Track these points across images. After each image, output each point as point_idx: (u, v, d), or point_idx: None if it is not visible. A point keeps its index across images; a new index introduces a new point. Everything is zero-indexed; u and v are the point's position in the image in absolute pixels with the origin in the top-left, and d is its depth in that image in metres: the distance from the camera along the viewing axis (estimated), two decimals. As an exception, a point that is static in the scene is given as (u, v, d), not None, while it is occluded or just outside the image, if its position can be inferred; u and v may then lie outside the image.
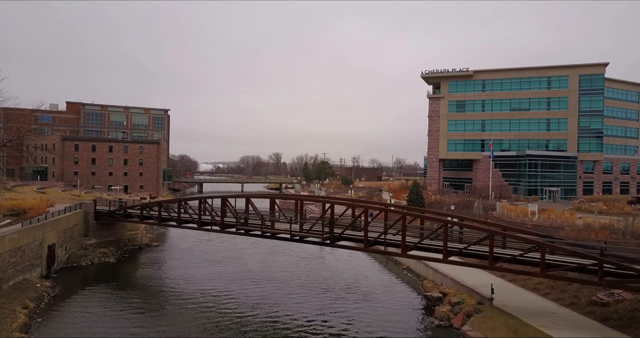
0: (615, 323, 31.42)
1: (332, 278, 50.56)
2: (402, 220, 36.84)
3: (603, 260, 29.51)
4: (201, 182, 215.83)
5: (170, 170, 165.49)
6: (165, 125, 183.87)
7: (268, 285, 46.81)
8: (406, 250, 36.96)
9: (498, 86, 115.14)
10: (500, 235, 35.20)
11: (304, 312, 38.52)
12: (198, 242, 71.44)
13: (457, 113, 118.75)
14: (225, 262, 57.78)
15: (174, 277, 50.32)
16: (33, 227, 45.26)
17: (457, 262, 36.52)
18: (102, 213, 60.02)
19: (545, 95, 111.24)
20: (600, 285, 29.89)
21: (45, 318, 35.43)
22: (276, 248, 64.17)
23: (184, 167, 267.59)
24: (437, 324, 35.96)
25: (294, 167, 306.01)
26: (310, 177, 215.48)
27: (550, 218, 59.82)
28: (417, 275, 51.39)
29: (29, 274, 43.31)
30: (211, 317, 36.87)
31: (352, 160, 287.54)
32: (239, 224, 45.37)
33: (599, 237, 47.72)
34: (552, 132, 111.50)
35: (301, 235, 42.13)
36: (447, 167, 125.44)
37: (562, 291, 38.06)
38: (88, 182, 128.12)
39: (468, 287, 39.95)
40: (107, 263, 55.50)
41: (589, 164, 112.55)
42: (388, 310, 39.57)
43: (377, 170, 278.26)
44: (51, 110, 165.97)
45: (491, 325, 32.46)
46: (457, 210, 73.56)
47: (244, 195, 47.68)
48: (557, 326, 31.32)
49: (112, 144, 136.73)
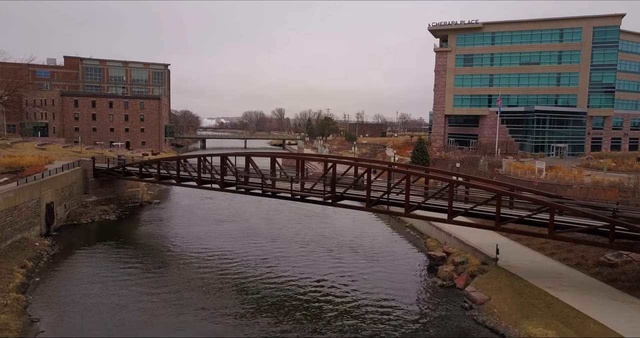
0: (623, 285, 30.70)
1: (335, 236, 50.03)
2: (407, 179, 35.59)
3: (615, 222, 28.37)
4: (204, 138, 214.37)
5: (172, 126, 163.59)
6: (165, 80, 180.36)
7: (270, 244, 46.33)
8: (410, 209, 35.91)
9: (508, 39, 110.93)
10: (509, 196, 33.98)
11: (306, 272, 38.06)
12: (200, 199, 70.88)
13: (464, 67, 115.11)
14: (227, 220, 57.28)
15: (175, 234, 49.91)
16: (29, 186, 44.36)
17: (463, 223, 35.50)
18: (101, 171, 59.07)
19: (557, 49, 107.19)
20: (612, 247, 28.93)
21: (43, 278, 35.08)
22: (279, 206, 63.44)
23: (187, 123, 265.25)
24: (440, 284, 35.44)
25: (297, 123, 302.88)
26: (314, 133, 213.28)
27: (558, 176, 58.46)
28: (420, 234, 50.78)
29: (27, 233, 42.81)
30: (212, 275, 36.47)
31: (356, 116, 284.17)
32: (239, 183, 44.32)
33: (608, 196, 46.53)
34: (562, 87, 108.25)
35: (302, 195, 41.11)
36: (452, 122, 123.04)
37: (568, 251, 37.22)
38: (89, 138, 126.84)
39: (472, 246, 39.21)
40: (107, 220, 55.07)
41: (599, 119, 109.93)
42: (390, 270, 39.06)
43: (381, 126, 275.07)
44: (49, 65, 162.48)
45: (495, 286, 31.85)
46: (462, 167, 72.23)
47: (244, 154, 46.37)
48: (564, 287, 30.63)
49: (112, 100, 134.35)
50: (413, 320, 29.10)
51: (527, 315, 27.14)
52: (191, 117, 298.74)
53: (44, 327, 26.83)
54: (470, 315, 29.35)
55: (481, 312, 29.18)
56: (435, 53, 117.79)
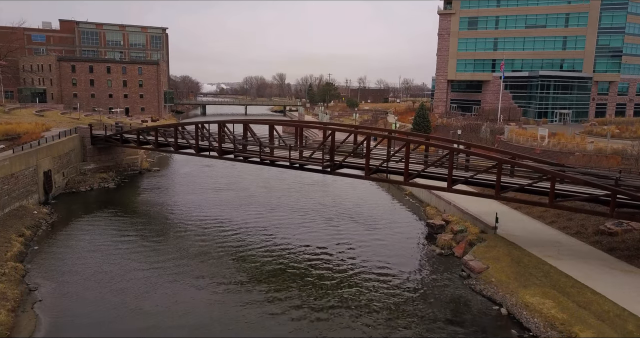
0: (622, 254, 30.58)
1: (334, 205, 49.89)
2: (406, 147, 35.00)
3: (617, 191, 27.92)
4: (204, 104, 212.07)
5: (172, 92, 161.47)
6: (164, 44, 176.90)
7: (269, 213, 46.24)
8: (409, 178, 35.49)
9: (514, 1, 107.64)
10: (509, 164, 33.44)
11: (305, 241, 38.05)
12: (200, 167, 70.54)
13: (468, 31, 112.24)
14: (227, 188, 57.10)
15: (174, 203, 49.81)
16: (25, 153, 43.90)
17: (463, 191, 35.11)
18: (98, 138, 58.46)
19: (564, 11, 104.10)
20: (612, 216, 28.59)
21: (42, 246, 35.13)
22: (280, 174, 63.02)
23: (187, 89, 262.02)
24: (439, 253, 35.43)
25: (298, 88, 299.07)
26: (315, 99, 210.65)
27: (561, 143, 57.73)
28: (420, 202, 50.59)
29: (25, 201, 42.68)
30: (211, 244, 36.47)
31: (358, 81, 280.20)
32: (236, 151, 43.79)
33: (611, 163, 45.96)
34: (568, 51, 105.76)
35: (301, 163, 40.63)
36: (455, 88, 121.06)
37: (568, 220, 37.01)
38: (88, 105, 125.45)
39: (472, 215, 39.02)
40: (106, 188, 54.92)
41: (604, 84, 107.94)
42: (388, 238, 39.02)
43: (384, 91, 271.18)
44: (44, 29, 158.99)
45: (494, 255, 31.77)
46: (464, 134, 71.38)
47: (241, 121, 45.59)
48: (562, 256, 30.54)
49: (110, 65, 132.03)
50: (410, 289, 29.17)
51: (524, 285, 27.12)
52: (191, 82, 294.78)
53: (42, 296, 26.95)
54: (467, 284, 29.39)
55: (479, 281, 29.19)
56: (439, 16, 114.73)
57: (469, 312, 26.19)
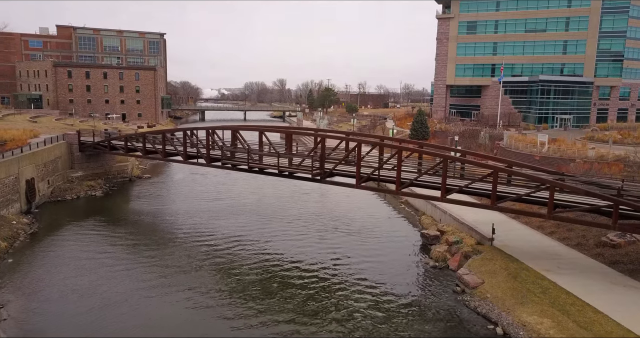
0: (625, 268, 28.92)
1: (327, 213, 48.32)
2: (398, 155, 33.48)
3: (619, 202, 26.31)
4: (203, 110, 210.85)
5: (169, 97, 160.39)
6: (162, 50, 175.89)
7: (261, 222, 44.67)
8: (401, 187, 33.92)
9: (513, 4, 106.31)
10: (506, 172, 31.86)
11: (296, 250, 36.48)
12: (191, 174, 69.07)
13: (467, 35, 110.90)
14: (219, 197, 55.57)
15: (162, 211, 48.30)
16: (6, 161, 42.45)
17: (457, 201, 33.39)
18: (86, 145, 57.01)
19: (565, 14, 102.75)
20: (615, 228, 26.93)
21: (17, 258, 33.52)
22: (275, 182, 61.19)
23: (186, 94, 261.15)
24: (433, 265, 33.79)
25: (298, 93, 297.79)
26: (315, 104, 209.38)
27: (561, 150, 56.09)
28: (415, 210, 48.98)
29: (5, 211, 41.15)
30: (201, 254, 34.89)
31: (358, 86, 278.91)
32: (224, 158, 42.30)
33: (613, 171, 44.34)
34: (568, 56, 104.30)
35: (290, 171, 39.14)
36: (454, 93, 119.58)
37: (569, 230, 35.35)
38: (84, 110, 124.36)
39: (468, 225, 37.37)
40: (94, 196, 53.39)
41: (605, 89, 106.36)
42: (381, 249, 37.39)
43: (384, 96, 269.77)
44: (41, 35, 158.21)
45: (490, 268, 30.15)
46: (462, 140, 69.81)
47: (230, 127, 44.12)
48: (562, 270, 28.89)
49: (107, 70, 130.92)
50: (401, 305, 27.50)
51: (521, 302, 25.47)
52: (191, 88, 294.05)
53: (9, 313, 25.35)
54: (461, 300, 27.74)
55: (473, 296, 27.54)
56: (438, 20, 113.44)
57: (462, 331, 24.54)
